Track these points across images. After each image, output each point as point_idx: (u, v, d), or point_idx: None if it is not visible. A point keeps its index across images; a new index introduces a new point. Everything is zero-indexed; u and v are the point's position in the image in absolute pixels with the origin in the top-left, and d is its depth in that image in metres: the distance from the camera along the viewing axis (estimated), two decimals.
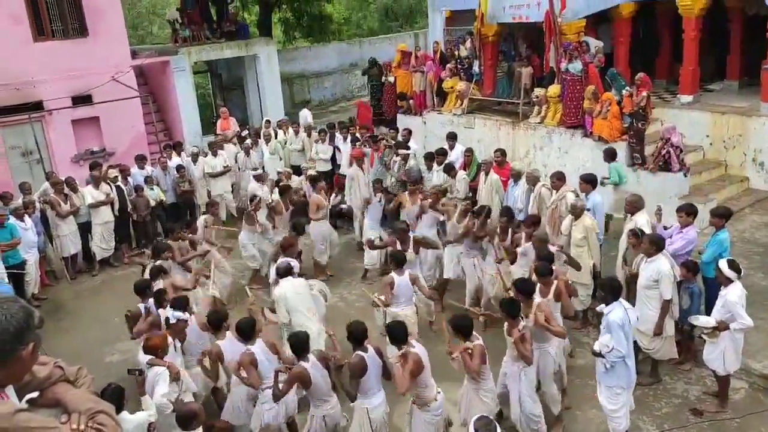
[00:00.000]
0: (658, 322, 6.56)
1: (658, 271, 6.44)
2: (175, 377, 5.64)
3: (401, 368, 5.27)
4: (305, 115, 15.13)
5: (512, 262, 7.82)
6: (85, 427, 2.14)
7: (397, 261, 7.28)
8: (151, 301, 7.01)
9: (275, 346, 5.96)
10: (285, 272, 7.14)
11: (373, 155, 11.84)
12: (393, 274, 7.20)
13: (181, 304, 6.43)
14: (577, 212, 7.84)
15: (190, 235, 9.04)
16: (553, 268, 6.58)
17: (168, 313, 6.28)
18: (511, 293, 6.29)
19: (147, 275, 7.84)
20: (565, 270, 7.28)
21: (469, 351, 5.41)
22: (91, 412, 2.21)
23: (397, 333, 5.50)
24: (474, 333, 5.55)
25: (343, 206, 11.18)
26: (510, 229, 8.17)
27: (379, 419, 5.49)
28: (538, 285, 6.40)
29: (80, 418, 2.17)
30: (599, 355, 5.59)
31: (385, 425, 5.52)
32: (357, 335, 5.46)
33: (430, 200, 9.12)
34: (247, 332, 5.86)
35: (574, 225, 7.88)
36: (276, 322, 7.21)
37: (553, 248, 7.25)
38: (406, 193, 9.80)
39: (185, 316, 6.27)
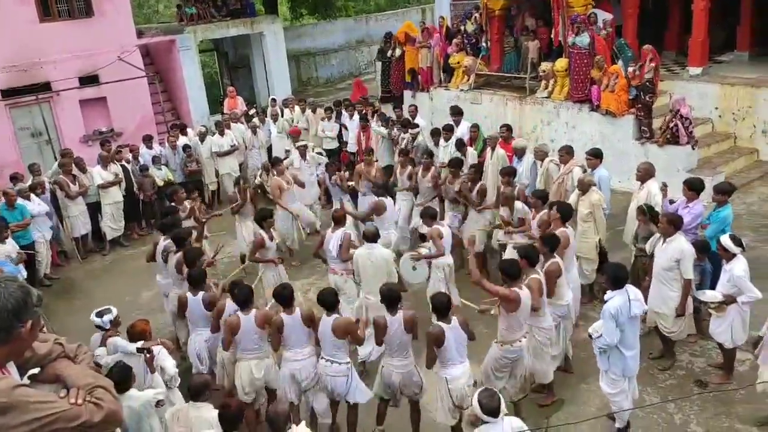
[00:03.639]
0: (682, 302, 6.44)
1: (680, 251, 6.31)
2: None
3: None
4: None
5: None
6: (83, 401, 2.18)
7: (431, 216, 7.63)
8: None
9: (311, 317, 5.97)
10: (372, 237, 7.18)
11: (369, 133, 11.81)
12: (436, 225, 7.43)
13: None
14: (584, 187, 7.78)
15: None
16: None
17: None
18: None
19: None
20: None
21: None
22: (89, 386, 2.24)
23: (440, 305, 5.53)
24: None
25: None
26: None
27: (459, 390, 5.52)
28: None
29: (79, 392, 2.20)
30: (590, 337, 5.60)
31: (467, 397, 5.48)
32: (439, 306, 5.52)
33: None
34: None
35: (580, 200, 7.83)
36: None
37: (520, 237, 7.43)
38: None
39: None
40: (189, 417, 4.79)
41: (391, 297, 5.69)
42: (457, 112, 11.35)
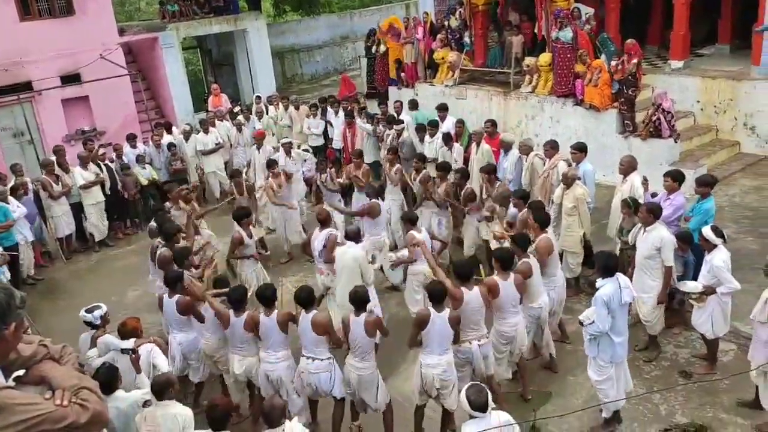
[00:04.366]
0: (663, 291, 6.54)
1: (660, 238, 6.41)
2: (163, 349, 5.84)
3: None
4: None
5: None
6: (68, 402, 2.17)
7: (411, 220, 7.54)
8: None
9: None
10: (352, 236, 7.25)
11: (355, 130, 11.80)
12: (413, 231, 7.36)
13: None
14: (568, 181, 7.84)
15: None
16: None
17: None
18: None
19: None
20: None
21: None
22: (75, 388, 2.24)
23: (434, 293, 5.64)
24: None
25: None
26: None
27: (429, 377, 5.63)
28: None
29: (64, 394, 2.20)
30: (581, 324, 5.66)
31: (434, 388, 5.65)
32: (433, 294, 5.63)
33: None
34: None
35: (565, 194, 7.89)
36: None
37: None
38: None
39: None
40: (156, 416, 4.79)
41: (358, 299, 5.78)
42: (442, 108, 11.38)
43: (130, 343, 5.65)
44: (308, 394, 6.05)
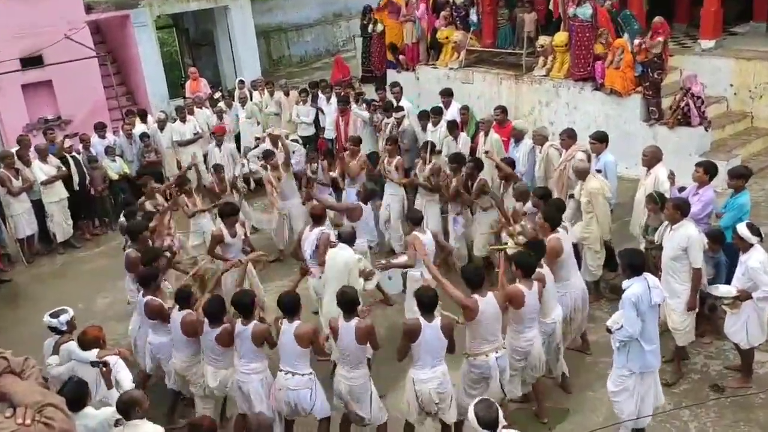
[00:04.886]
0: (692, 295, 6.51)
1: (686, 237, 6.39)
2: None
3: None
4: None
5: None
6: (31, 421, 2.16)
7: (415, 220, 7.49)
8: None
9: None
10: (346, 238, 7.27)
11: (348, 118, 11.79)
12: (416, 232, 7.31)
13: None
14: (581, 174, 7.85)
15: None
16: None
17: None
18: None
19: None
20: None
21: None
22: (38, 405, 2.23)
23: (425, 300, 5.64)
24: None
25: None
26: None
27: (425, 394, 5.66)
28: None
29: (26, 411, 2.19)
30: (609, 331, 5.67)
31: (433, 403, 5.68)
32: (424, 301, 5.64)
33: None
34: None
35: (582, 189, 7.90)
36: None
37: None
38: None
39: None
40: None
41: (346, 301, 5.77)
42: (447, 93, 11.37)
43: (92, 355, 5.65)
44: (286, 414, 6.04)
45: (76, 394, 4.81)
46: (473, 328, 5.81)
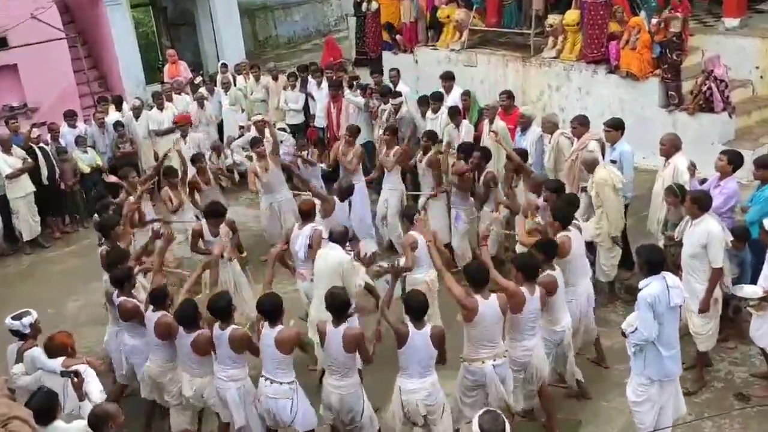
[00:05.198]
0: (705, 297, 6.52)
1: (706, 233, 6.39)
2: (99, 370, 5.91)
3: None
4: None
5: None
6: None
7: (410, 217, 7.45)
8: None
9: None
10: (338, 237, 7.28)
11: (341, 105, 11.78)
12: (412, 232, 7.29)
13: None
14: (588, 166, 7.89)
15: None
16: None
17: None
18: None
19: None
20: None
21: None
22: (3, 418, 2.24)
23: (414, 305, 5.69)
24: None
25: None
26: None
27: (412, 404, 5.69)
28: None
29: None
30: (624, 334, 5.68)
31: (420, 416, 5.72)
32: (413, 307, 5.68)
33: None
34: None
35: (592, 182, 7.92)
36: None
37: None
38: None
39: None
40: None
41: (336, 304, 5.80)
42: (448, 77, 11.36)
43: (58, 363, 5.67)
44: (268, 424, 6.10)
45: (44, 406, 4.78)
46: (471, 331, 5.83)
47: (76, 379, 5.52)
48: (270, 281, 6.75)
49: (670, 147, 7.82)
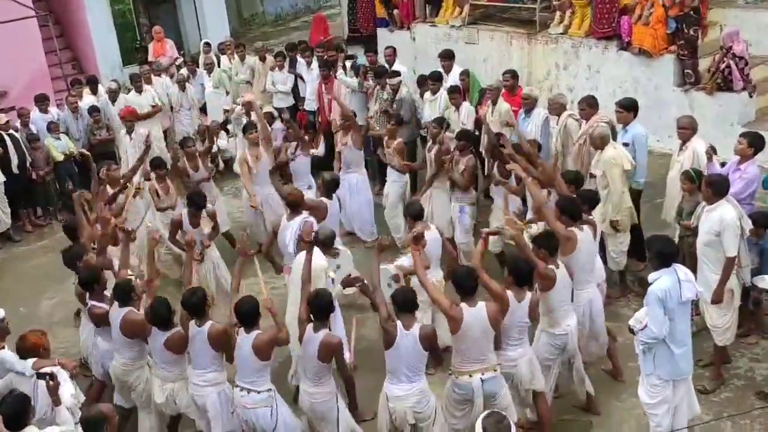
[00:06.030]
0: (718, 287, 6.53)
1: (720, 220, 6.40)
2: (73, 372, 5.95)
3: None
4: None
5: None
6: None
7: (414, 215, 7.37)
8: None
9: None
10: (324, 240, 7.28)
11: (332, 86, 11.73)
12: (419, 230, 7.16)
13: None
14: (596, 143, 7.90)
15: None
16: None
17: None
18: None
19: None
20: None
21: None
22: None
23: (402, 303, 5.68)
24: None
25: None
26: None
27: (400, 412, 5.70)
28: None
29: None
30: (632, 331, 5.70)
31: (408, 424, 5.72)
32: (401, 305, 5.69)
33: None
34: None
35: (598, 161, 7.92)
36: None
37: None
38: None
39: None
40: None
41: (320, 306, 5.79)
42: (447, 56, 11.32)
43: (28, 365, 5.69)
44: None
45: (14, 411, 4.83)
46: (457, 343, 5.81)
47: (51, 382, 5.54)
48: (237, 287, 6.48)
49: (688, 130, 7.82)
